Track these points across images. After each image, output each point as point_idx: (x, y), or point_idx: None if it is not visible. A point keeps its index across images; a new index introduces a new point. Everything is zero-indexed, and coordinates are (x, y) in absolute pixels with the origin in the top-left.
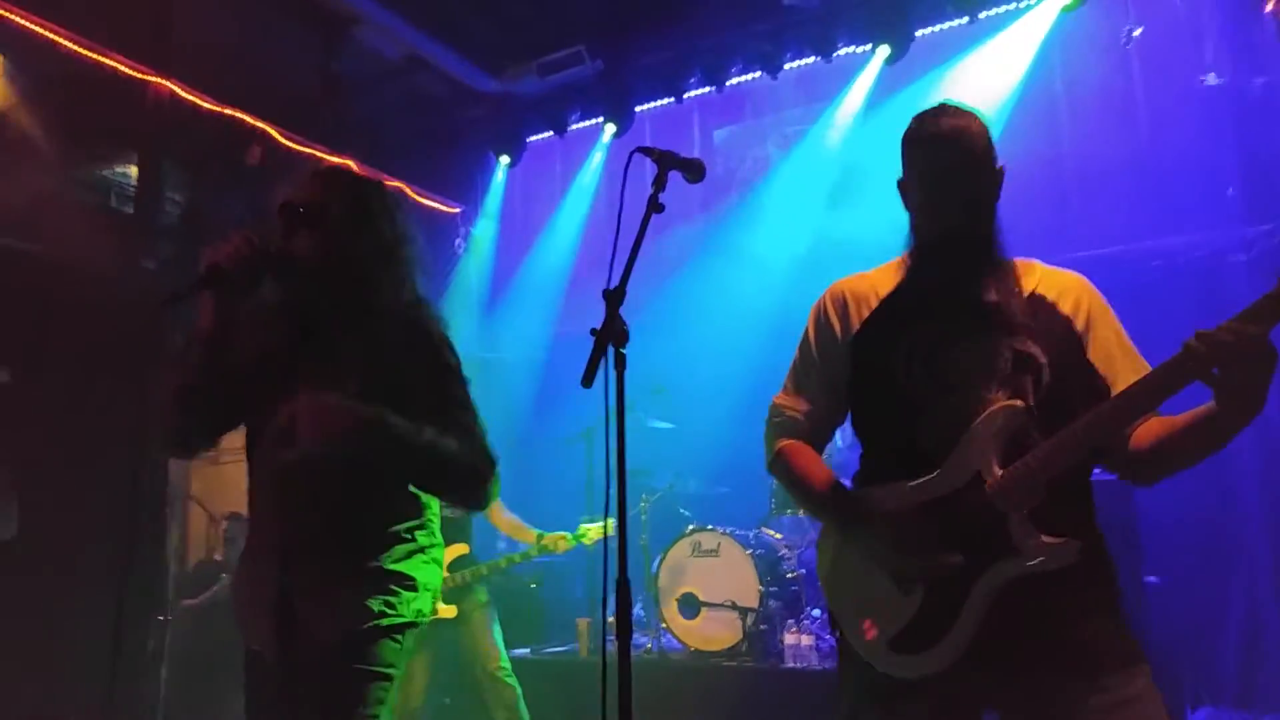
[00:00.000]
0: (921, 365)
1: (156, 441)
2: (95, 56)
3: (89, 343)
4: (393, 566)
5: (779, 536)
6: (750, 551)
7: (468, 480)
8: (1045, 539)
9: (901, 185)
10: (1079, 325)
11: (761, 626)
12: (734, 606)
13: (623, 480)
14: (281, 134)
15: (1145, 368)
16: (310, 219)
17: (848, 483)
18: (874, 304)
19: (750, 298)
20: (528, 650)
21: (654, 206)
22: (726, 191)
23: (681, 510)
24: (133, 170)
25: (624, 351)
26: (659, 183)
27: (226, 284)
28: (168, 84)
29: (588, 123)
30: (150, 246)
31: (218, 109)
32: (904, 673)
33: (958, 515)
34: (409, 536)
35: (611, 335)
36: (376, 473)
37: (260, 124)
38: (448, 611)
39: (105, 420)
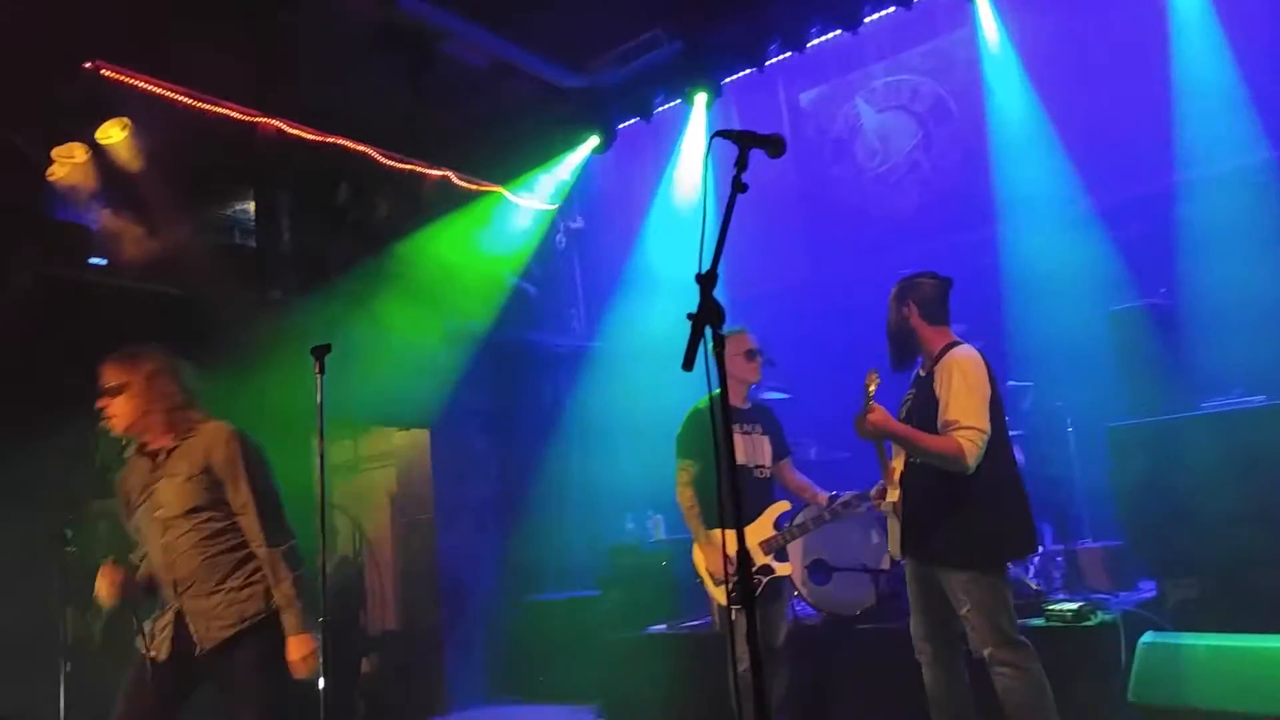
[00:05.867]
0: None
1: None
2: (208, 107)
3: (236, 380)
4: None
5: None
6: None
7: None
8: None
9: None
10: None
11: (894, 587)
12: (864, 569)
13: (732, 457)
14: (380, 154)
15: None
16: None
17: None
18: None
19: (853, 261)
20: (664, 626)
21: (738, 187)
22: (820, 153)
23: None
24: (250, 207)
25: (721, 333)
26: (741, 163)
27: None
28: (274, 123)
29: (673, 104)
30: (274, 277)
31: (320, 138)
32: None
33: None
34: None
35: (707, 318)
36: None
37: (360, 147)
38: (784, 569)
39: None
